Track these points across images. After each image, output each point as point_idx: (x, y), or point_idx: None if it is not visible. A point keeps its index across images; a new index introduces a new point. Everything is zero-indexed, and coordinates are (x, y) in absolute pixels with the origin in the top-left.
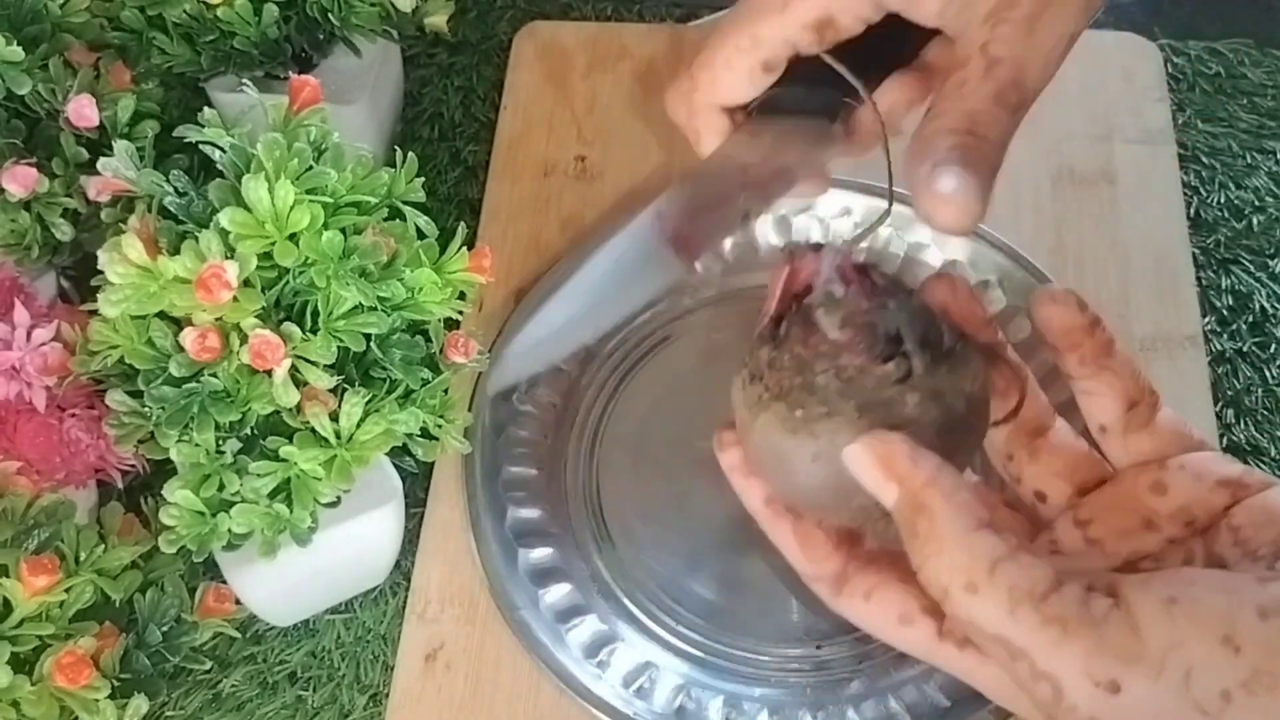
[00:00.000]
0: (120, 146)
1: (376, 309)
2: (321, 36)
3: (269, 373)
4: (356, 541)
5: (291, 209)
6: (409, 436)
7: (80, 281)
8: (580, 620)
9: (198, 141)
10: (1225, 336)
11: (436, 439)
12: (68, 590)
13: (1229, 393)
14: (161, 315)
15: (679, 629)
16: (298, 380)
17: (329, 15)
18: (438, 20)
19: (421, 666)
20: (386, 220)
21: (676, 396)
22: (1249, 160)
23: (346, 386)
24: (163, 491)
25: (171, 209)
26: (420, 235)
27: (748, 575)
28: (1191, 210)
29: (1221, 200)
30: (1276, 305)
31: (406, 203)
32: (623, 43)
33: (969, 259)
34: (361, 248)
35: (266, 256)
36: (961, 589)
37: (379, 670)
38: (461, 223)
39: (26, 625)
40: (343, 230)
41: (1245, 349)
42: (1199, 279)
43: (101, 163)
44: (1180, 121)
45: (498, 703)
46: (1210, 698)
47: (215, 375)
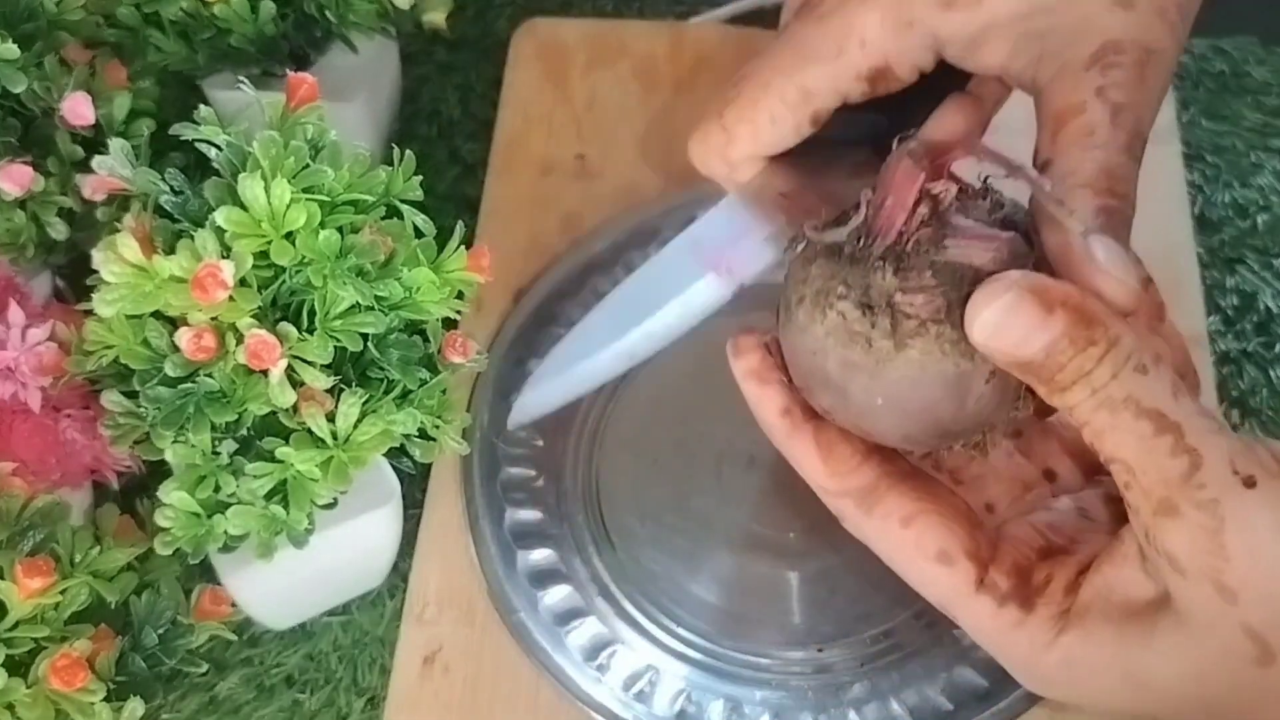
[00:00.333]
0: (116, 145)
1: (374, 308)
2: (319, 34)
3: (265, 373)
4: (354, 543)
5: (288, 207)
6: (407, 437)
7: (75, 281)
8: (580, 623)
9: (194, 140)
10: (1230, 336)
11: (434, 440)
12: (63, 592)
13: (1234, 393)
14: (157, 315)
15: (680, 631)
16: (294, 380)
17: (326, 12)
18: (436, 17)
19: (419, 669)
20: (384, 219)
21: (677, 397)
22: (1254, 159)
23: (343, 387)
24: (158, 493)
25: (167, 207)
26: (418, 234)
27: (749, 577)
28: (1196, 209)
29: (1227, 199)
30: None
31: (404, 201)
32: (622, 40)
33: None
34: (359, 247)
35: (263, 255)
36: (1133, 368)
37: (376, 673)
38: (460, 221)
39: (21, 628)
40: (340, 229)
41: (1251, 349)
42: (1204, 278)
43: (97, 161)
44: (1185, 119)
45: (496, 706)
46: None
47: (211, 375)
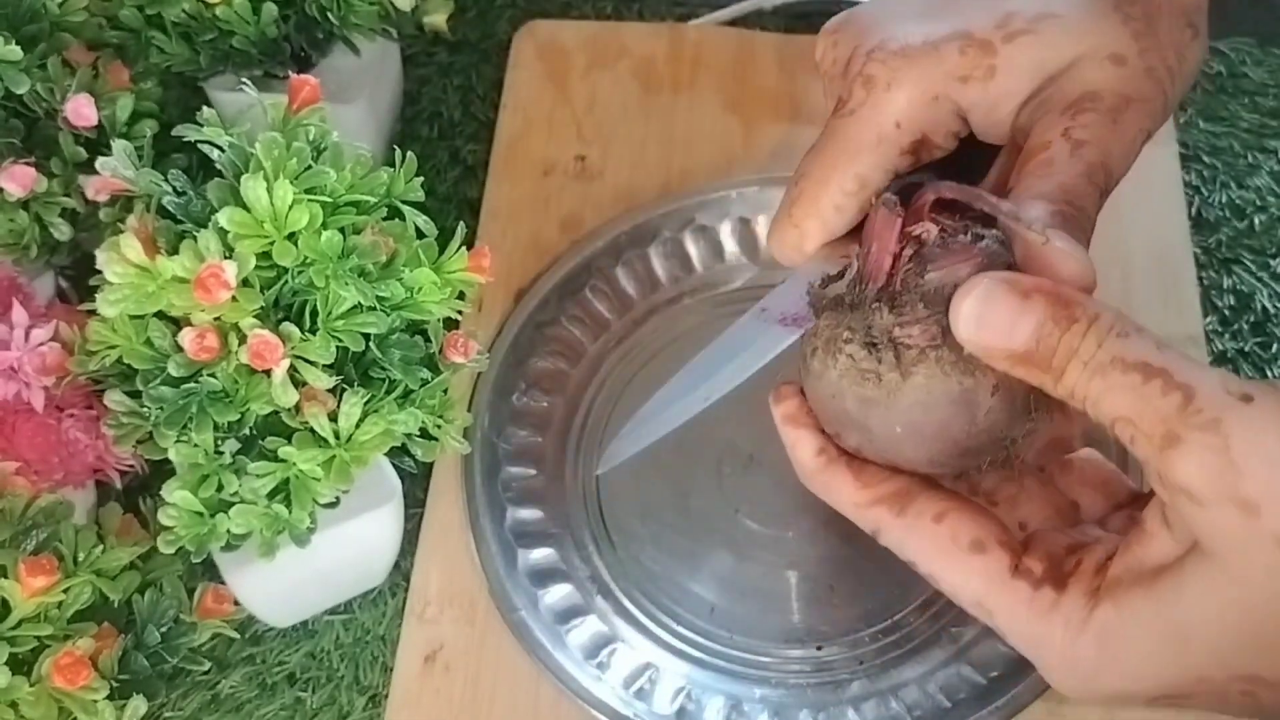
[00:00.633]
0: (119, 146)
1: (375, 309)
2: (320, 35)
3: (268, 373)
4: (355, 542)
5: (290, 208)
6: (408, 437)
7: (78, 281)
8: (580, 621)
9: (196, 141)
10: (1227, 336)
11: (436, 439)
12: (66, 591)
13: None
14: (160, 315)
15: (679, 630)
16: (296, 380)
17: (328, 14)
18: (437, 19)
19: (420, 667)
20: (385, 220)
21: None
22: (1251, 160)
23: (345, 386)
24: (161, 492)
25: (170, 208)
26: (419, 235)
27: (748, 576)
28: (1193, 210)
29: (1223, 200)
30: (1278, 305)
31: (406, 202)
32: (623, 42)
33: None
34: (360, 247)
35: (265, 256)
36: (1116, 335)
37: (378, 671)
38: (461, 222)
39: (25, 626)
40: (341, 230)
41: (1247, 349)
42: (1200, 279)
43: (100, 162)
44: (1182, 120)
45: (497, 704)
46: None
47: (214, 375)
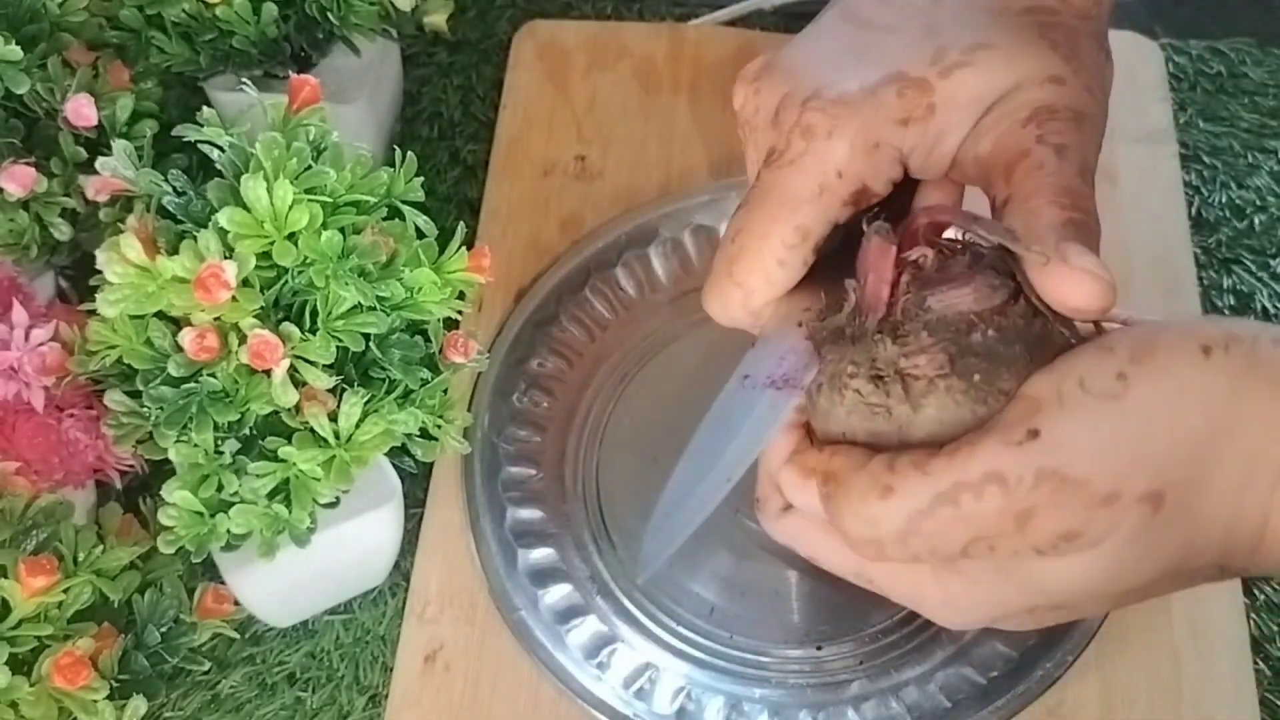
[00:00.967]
0: (119, 146)
1: (375, 309)
2: (320, 35)
3: (268, 373)
4: (355, 542)
5: (290, 208)
6: (408, 437)
7: (79, 281)
8: (580, 621)
9: (196, 141)
10: None
11: (436, 439)
12: (66, 591)
13: None
14: (160, 315)
15: (679, 630)
16: (296, 380)
17: (328, 14)
18: (437, 19)
19: (420, 667)
20: (385, 220)
21: (677, 397)
22: (1251, 160)
23: (345, 386)
24: (161, 492)
25: (170, 208)
26: (419, 235)
27: (748, 576)
28: (1193, 210)
29: (1223, 200)
30: (1278, 305)
31: (406, 202)
32: (623, 42)
33: None
34: (360, 247)
35: (265, 256)
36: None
37: (378, 671)
38: (461, 222)
39: (25, 626)
40: (341, 230)
41: None
42: (1200, 279)
43: (100, 162)
44: (1182, 121)
45: (497, 704)
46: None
47: (214, 375)
